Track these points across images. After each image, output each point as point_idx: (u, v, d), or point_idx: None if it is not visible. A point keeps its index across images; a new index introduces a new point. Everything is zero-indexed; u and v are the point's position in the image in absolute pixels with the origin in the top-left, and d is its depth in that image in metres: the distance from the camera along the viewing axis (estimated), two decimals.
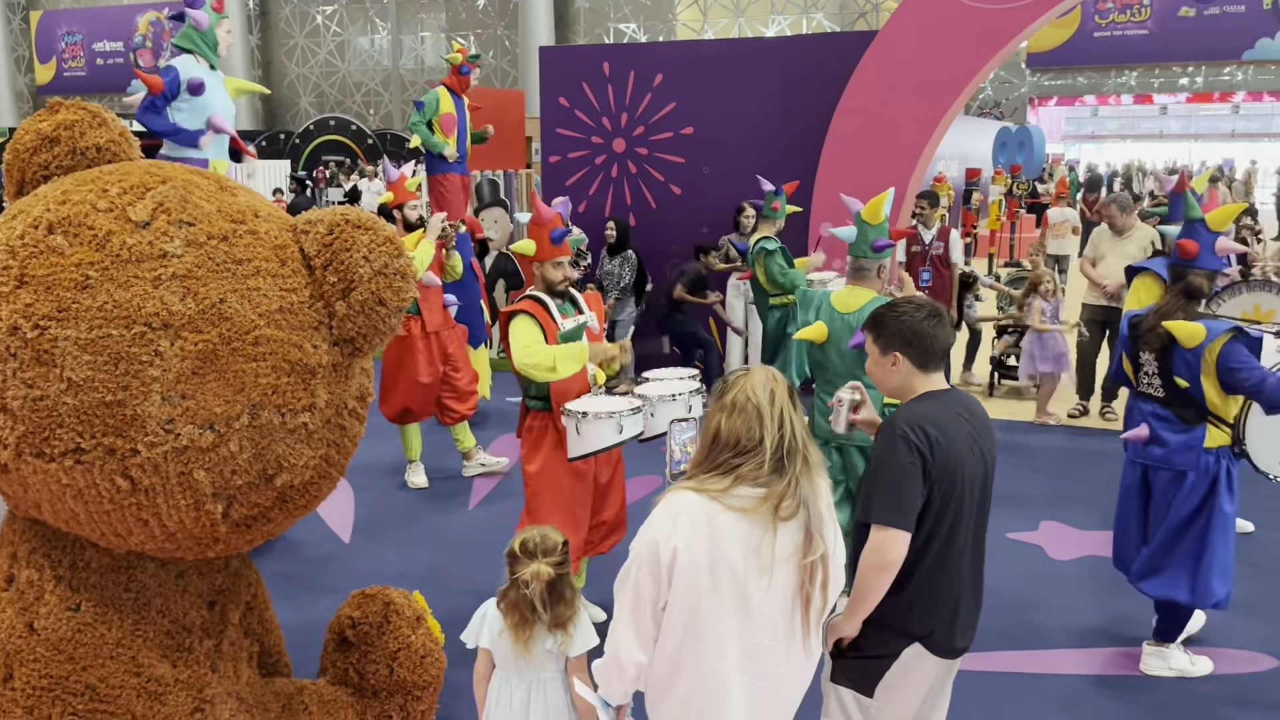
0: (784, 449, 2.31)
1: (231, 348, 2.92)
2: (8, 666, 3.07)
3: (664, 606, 2.33)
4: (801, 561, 2.33)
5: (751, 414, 2.32)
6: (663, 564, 2.29)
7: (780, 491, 2.30)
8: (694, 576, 2.27)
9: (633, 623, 2.36)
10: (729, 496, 2.30)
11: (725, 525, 2.29)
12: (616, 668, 2.42)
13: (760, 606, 2.32)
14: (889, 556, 2.52)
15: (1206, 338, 3.99)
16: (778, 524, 2.29)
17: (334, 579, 5.19)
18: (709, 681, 2.35)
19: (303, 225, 3.17)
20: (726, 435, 2.33)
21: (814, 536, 2.33)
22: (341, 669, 3.74)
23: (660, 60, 9.43)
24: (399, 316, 3.24)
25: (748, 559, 2.29)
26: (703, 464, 2.40)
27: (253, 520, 3.13)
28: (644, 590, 2.32)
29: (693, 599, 2.29)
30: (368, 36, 37.87)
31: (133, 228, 2.93)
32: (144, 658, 3.12)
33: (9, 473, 2.94)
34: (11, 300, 2.83)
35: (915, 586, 2.57)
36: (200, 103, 5.36)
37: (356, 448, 3.39)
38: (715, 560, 2.28)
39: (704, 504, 2.31)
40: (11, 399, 2.81)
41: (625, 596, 2.37)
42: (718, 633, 2.31)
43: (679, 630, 2.33)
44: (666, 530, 2.30)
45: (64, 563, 3.10)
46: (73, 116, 3.23)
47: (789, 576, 2.33)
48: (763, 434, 2.31)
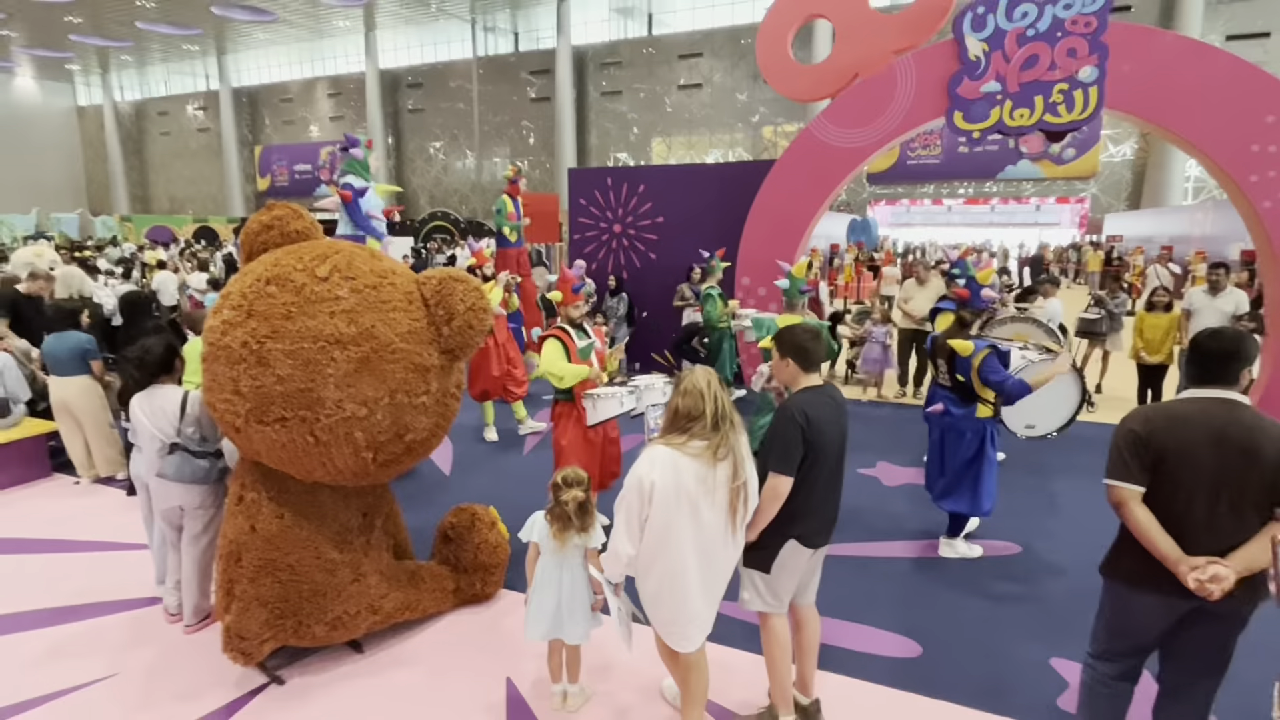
0: (718, 416, 2.37)
1: (379, 355, 2.93)
2: (238, 552, 3.06)
3: (646, 518, 2.37)
4: (732, 485, 2.37)
5: (697, 396, 2.37)
6: (645, 491, 2.33)
7: (717, 442, 2.35)
8: (665, 497, 2.32)
9: (625, 528, 2.39)
10: (686, 447, 2.35)
11: (684, 464, 2.33)
12: (615, 557, 2.45)
13: (707, 515, 2.36)
14: (779, 492, 2.52)
15: (974, 352, 4.05)
16: (716, 463, 2.35)
17: (440, 498, 5.15)
18: (675, 563, 2.39)
19: (422, 279, 3.18)
20: (682, 410, 2.38)
21: (739, 469, 2.39)
22: (444, 555, 3.75)
23: (642, 177, 9.41)
24: (483, 336, 3.24)
25: (698, 485, 2.33)
26: (668, 429, 2.43)
27: (390, 462, 3.14)
28: (633, 507, 2.36)
29: (664, 512, 2.34)
30: (461, 160, 37.71)
31: (318, 280, 2.93)
32: (322, 547, 3.12)
33: (240, 433, 2.94)
34: (244, 325, 2.83)
35: (793, 506, 2.55)
36: (365, 202, 5.49)
37: (455, 417, 3.40)
38: (679, 487, 2.32)
39: (671, 453, 2.35)
40: (243, 386, 2.81)
41: (621, 512, 2.40)
42: (680, 533, 2.36)
43: (656, 532, 2.37)
44: (647, 470, 2.34)
45: (274, 488, 3.10)
46: (282, 212, 3.23)
47: (724, 496, 2.38)
48: (704, 408, 2.35)
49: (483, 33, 35.15)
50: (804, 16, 8.15)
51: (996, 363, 4.00)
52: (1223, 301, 6.71)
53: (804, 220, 8.07)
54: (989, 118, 7.04)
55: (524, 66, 35.15)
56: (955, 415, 4.24)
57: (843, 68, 7.79)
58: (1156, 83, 6.53)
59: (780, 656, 2.72)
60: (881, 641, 3.46)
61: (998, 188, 27.98)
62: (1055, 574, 4.16)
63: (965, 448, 4.22)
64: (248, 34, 37.02)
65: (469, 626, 3.56)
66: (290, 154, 41.10)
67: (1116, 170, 26.24)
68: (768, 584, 2.67)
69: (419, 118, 38.11)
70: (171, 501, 3.43)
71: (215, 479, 3.43)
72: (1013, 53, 6.83)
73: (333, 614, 3.10)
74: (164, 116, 45.92)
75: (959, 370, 4.16)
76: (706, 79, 31.62)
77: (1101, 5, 6.49)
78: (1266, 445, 2.09)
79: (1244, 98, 6.31)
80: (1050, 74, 6.74)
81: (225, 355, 2.82)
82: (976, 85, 7.02)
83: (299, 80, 41.25)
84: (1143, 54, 6.55)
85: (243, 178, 42.69)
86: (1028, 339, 5.59)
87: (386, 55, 37.94)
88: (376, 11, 33.56)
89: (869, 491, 5.42)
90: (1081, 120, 6.77)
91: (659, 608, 2.48)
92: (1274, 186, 6.28)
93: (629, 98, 33.29)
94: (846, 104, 7.65)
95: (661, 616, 2.50)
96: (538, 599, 2.81)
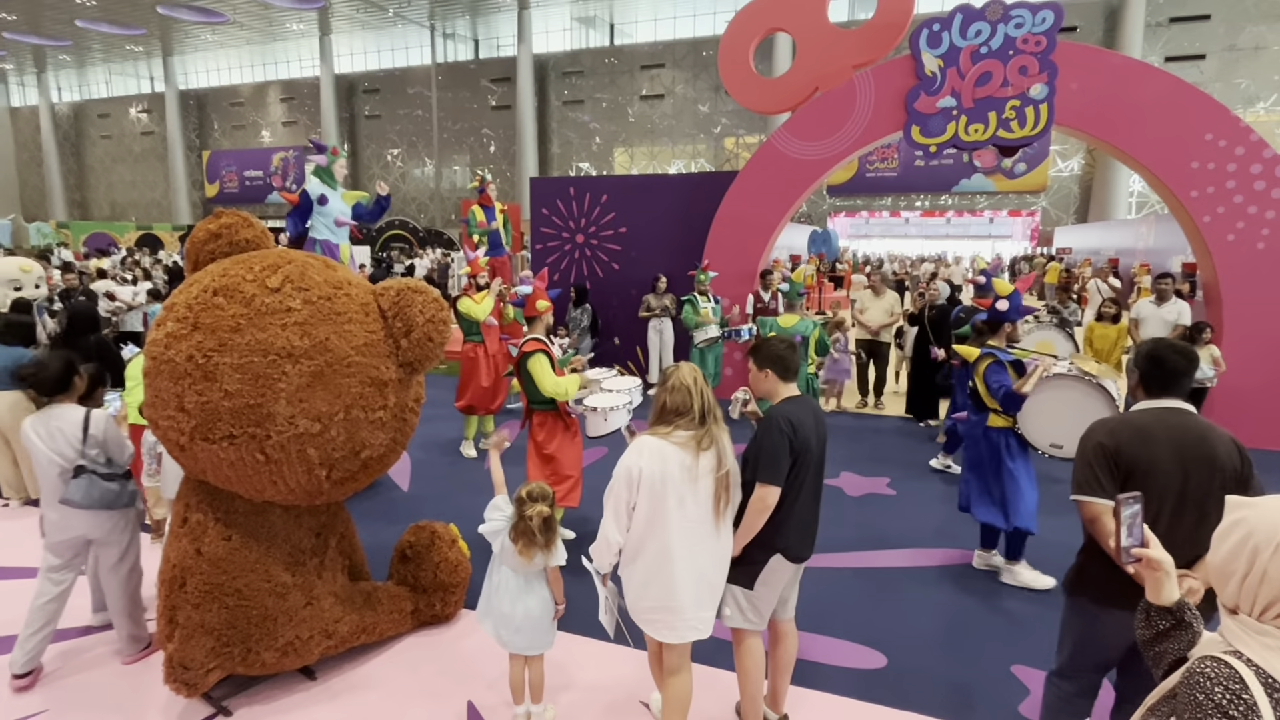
0: (704, 410, 2.47)
1: (333, 369, 2.84)
2: (182, 577, 2.92)
3: (634, 506, 2.44)
4: (717, 474, 2.46)
5: (684, 392, 2.47)
6: (633, 479, 2.41)
7: (701, 434, 2.45)
8: (652, 485, 2.40)
9: (614, 517, 2.46)
10: (672, 437, 2.44)
11: (670, 453, 2.42)
12: (605, 544, 2.50)
13: (691, 504, 2.44)
14: (767, 503, 2.52)
15: (978, 359, 4.14)
16: (700, 452, 2.43)
17: (398, 515, 5.05)
18: (661, 550, 2.45)
19: (379, 289, 3.10)
20: (670, 405, 2.47)
21: (722, 459, 2.48)
22: (402, 574, 3.65)
23: (604, 187, 9.42)
24: (442, 349, 3.17)
25: (683, 473, 2.42)
26: (655, 421, 2.51)
27: (345, 480, 3.04)
28: (621, 496, 2.43)
29: (651, 499, 2.41)
30: (420, 168, 37.28)
31: (269, 291, 2.83)
32: (273, 569, 3.01)
33: (185, 451, 2.81)
34: (189, 339, 2.72)
35: (779, 517, 2.55)
36: (327, 210, 5.41)
37: (414, 432, 3.31)
38: (665, 475, 2.40)
39: (658, 441, 2.44)
40: (188, 402, 2.70)
41: (610, 501, 2.46)
42: (666, 520, 2.43)
43: (643, 519, 2.44)
44: (635, 458, 2.42)
45: (221, 508, 2.97)
46: (230, 220, 3.12)
47: (709, 485, 2.45)
48: (692, 403, 2.45)
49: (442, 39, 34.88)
50: (765, 30, 8.29)
51: (996, 371, 4.02)
52: (1166, 311, 7.00)
53: (766, 231, 8.17)
54: (945, 132, 7.24)
55: (484, 74, 34.99)
56: (971, 421, 4.32)
57: (803, 81, 7.94)
58: (1103, 101, 6.81)
59: (754, 673, 2.71)
60: (846, 653, 3.48)
61: (953, 201, 28.82)
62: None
63: (979, 454, 4.24)
64: (196, 35, 36.04)
65: (428, 649, 3.47)
66: (241, 159, 40.14)
67: (1065, 184, 27.27)
68: (750, 600, 2.65)
69: (376, 124, 37.57)
70: (73, 532, 3.17)
71: (125, 503, 3.24)
72: (967, 69, 7.05)
73: (283, 639, 2.99)
74: (105, 119, 44.38)
75: (969, 377, 4.28)
76: (669, 90, 31.91)
77: (1050, 25, 6.75)
78: (1220, 449, 2.13)
79: (1184, 116, 6.62)
80: (1003, 90, 6.97)
81: (169, 370, 2.71)
82: (933, 100, 7.22)
83: (250, 84, 40.32)
84: (1090, 73, 6.82)
85: (189, 183, 41.48)
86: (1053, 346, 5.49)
87: (342, 60, 37.37)
88: (332, 15, 33.04)
89: (832, 502, 5.40)
90: (1033, 136, 7.01)
91: (645, 596, 2.50)
92: (1213, 201, 6.59)
93: (591, 107, 33.39)
94: (807, 117, 7.79)
95: (646, 605, 2.51)
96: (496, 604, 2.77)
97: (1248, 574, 1.15)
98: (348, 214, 5.55)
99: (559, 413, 4.29)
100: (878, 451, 6.67)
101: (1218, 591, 1.23)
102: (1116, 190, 25.29)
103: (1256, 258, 6.51)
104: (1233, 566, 1.18)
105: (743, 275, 8.14)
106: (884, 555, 4.56)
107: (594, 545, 2.54)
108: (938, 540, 4.77)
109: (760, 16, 8.21)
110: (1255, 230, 6.49)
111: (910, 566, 4.42)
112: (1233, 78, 24.09)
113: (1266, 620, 1.13)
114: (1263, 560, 1.13)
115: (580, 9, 31.90)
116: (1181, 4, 24.49)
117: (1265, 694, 1.06)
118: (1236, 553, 1.17)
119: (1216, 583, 1.22)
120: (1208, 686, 1.10)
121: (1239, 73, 24.10)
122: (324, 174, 5.48)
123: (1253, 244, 6.51)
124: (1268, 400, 6.65)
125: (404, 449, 3.26)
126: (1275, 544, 1.12)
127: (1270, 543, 1.12)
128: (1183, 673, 1.19)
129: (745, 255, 8.15)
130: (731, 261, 7.90)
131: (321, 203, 5.34)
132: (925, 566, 4.42)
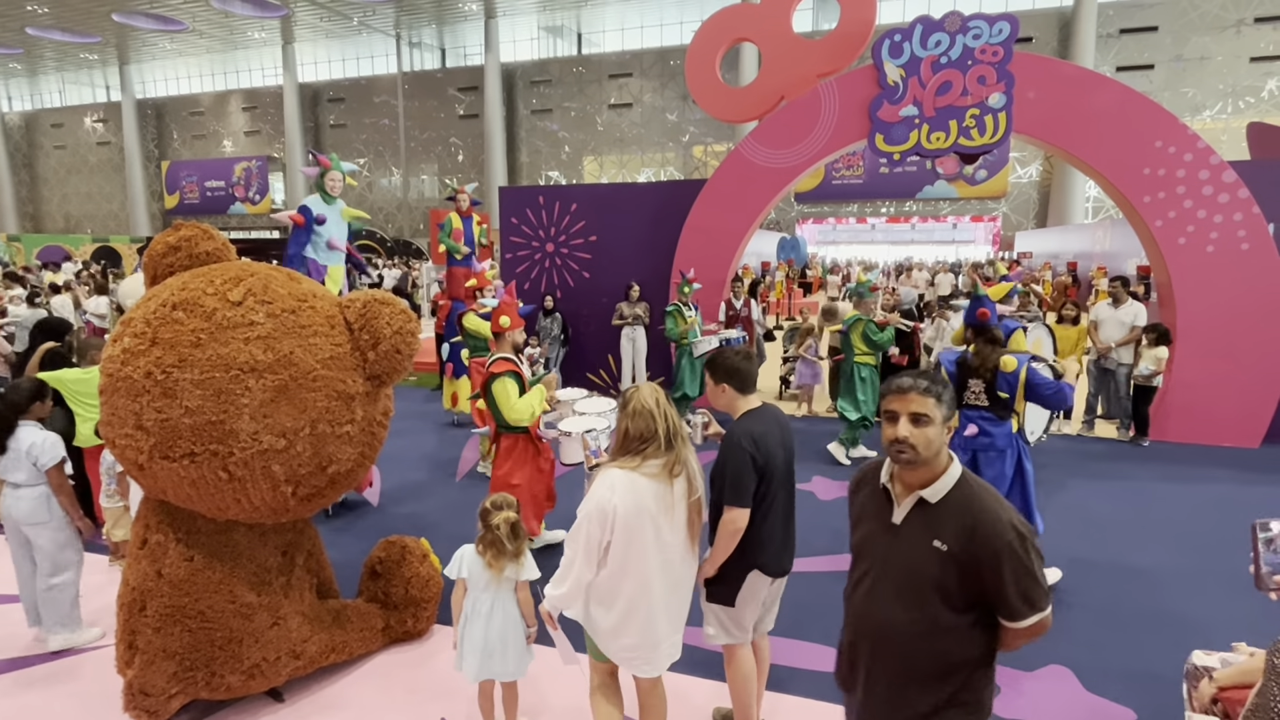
0: (670, 433, 2.35)
1: (298, 383, 2.78)
2: (142, 600, 2.84)
3: (607, 544, 2.31)
4: (690, 500, 2.38)
5: (647, 416, 2.34)
6: (607, 518, 2.28)
7: (672, 460, 2.34)
8: (628, 520, 2.28)
9: (585, 557, 2.32)
10: (642, 468, 2.32)
11: (643, 486, 2.30)
12: (577, 586, 2.35)
13: (668, 533, 2.35)
14: (738, 525, 2.47)
15: (1018, 366, 4.04)
16: (673, 480, 2.33)
17: (366, 531, 4.95)
18: (640, 587, 2.34)
19: (346, 301, 3.05)
20: (634, 432, 2.35)
21: (694, 483, 2.40)
22: (372, 591, 3.58)
23: (574, 196, 9.41)
24: (410, 361, 3.13)
25: (659, 504, 2.31)
26: (620, 451, 2.39)
27: (312, 496, 2.97)
28: (593, 536, 2.30)
29: (628, 537, 2.29)
30: (387, 178, 36.91)
31: (230, 305, 2.77)
32: (238, 590, 2.93)
33: (144, 470, 2.73)
34: (148, 354, 2.64)
35: (752, 535, 2.52)
36: (323, 230, 5.20)
37: (383, 446, 3.26)
38: (640, 508, 2.29)
39: (629, 475, 2.31)
40: (147, 420, 2.62)
41: (579, 541, 2.32)
42: (644, 555, 2.31)
43: (619, 557, 2.32)
44: (608, 495, 2.28)
45: (182, 528, 2.89)
46: (191, 232, 3.05)
47: (683, 511, 2.37)
48: (656, 427, 2.33)
49: (408, 48, 34.64)
50: (730, 40, 8.38)
51: (1040, 373, 4.00)
52: (1123, 313, 7.21)
53: (736, 238, 8.24)
54: (908, 140, 7.38)
55: (451, 83, 34.80)
56: (992, 434, 4.15)
57: (769, 90, 8.03)
58: (1058, 109, 7.01)
59: (744, 687, 2.69)
60: (820, 657, 3.49)
61: (917, 207, 29.39)
62: None
63: (1007, 465, 4.12)
64: (153, 43, 35.29)
65: (400, 666, 3.40)
66: (201, 170, 39.32)
67: (1024, 191, 27.99)
68: (732, 617, 2.62)
69: (341, 133, 37.11)
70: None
71: None
72: (928, 79, 7.20)
73: (249, 661, 2.91)
74: (58, 129, 43.17)
75: (1001, 387, 4.10)
76: (637, 98, 32.07)
77: (1007, 36, 6.93)
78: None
79: (1136, 124, 6.84)
80: (963, 99, 7.13)
81: (126, 387, 2.63)
82: (896, 109, 7.36)
83: (211, 93, 39.58)
84: (1045, 82, 7.02)
85: (148, 194, 40.52)
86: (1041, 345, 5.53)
87: (306, 68, 36.88)
88: (295, 24, 32.62)
89: (805, 507, 5.36)
90: (993, 143, 7.18)
91: (623, 635, 2.38)
92: (1164, 206, 6.81)
93: (560, 116, 33.40)
94: (774, 125, 7.88)
95: (626, 644, 2.39)
96: (469, 634, 2.70)
97: None
98: (343, 236, 5.33)
99: (530, 437, 4.15)
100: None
101: None
102: (1073, 196, 26.03)
103: (1206, 260, 6.74)
104: None
105: (713, 282, 8.19)
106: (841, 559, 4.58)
107: (554, 589, 2.37)
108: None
109: (726, 26, 8.30)
110: (1204, 234, 6.72)
111: None
112: (1180, 87, 25.00)
113: None
114: None
115: (547, 18, 31.95)
116: (1130, 16, 25.38)
117: None
118: None
119: None
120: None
121: (1186, 82, 25.02)
122: (321, 190, 5.28)
123: (1202, 247, 6.73)
124: (1218, 398, 6.87)
125: (372, 464, 3.21)
126: None
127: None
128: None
129: (715, 262, 8.20)
130: (701, 269, 7.94)
131: (320, 223, 5.15)
132: None
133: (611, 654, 2.44)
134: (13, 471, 3.38)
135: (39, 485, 3.39)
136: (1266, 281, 6.63)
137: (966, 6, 17.60)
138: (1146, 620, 3.81)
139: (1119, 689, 3.21)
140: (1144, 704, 3.08)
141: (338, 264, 5.31)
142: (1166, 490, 5.79)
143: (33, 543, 3.46)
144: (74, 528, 3.52)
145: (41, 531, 3.42)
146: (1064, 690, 3.23)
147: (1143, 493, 5.70)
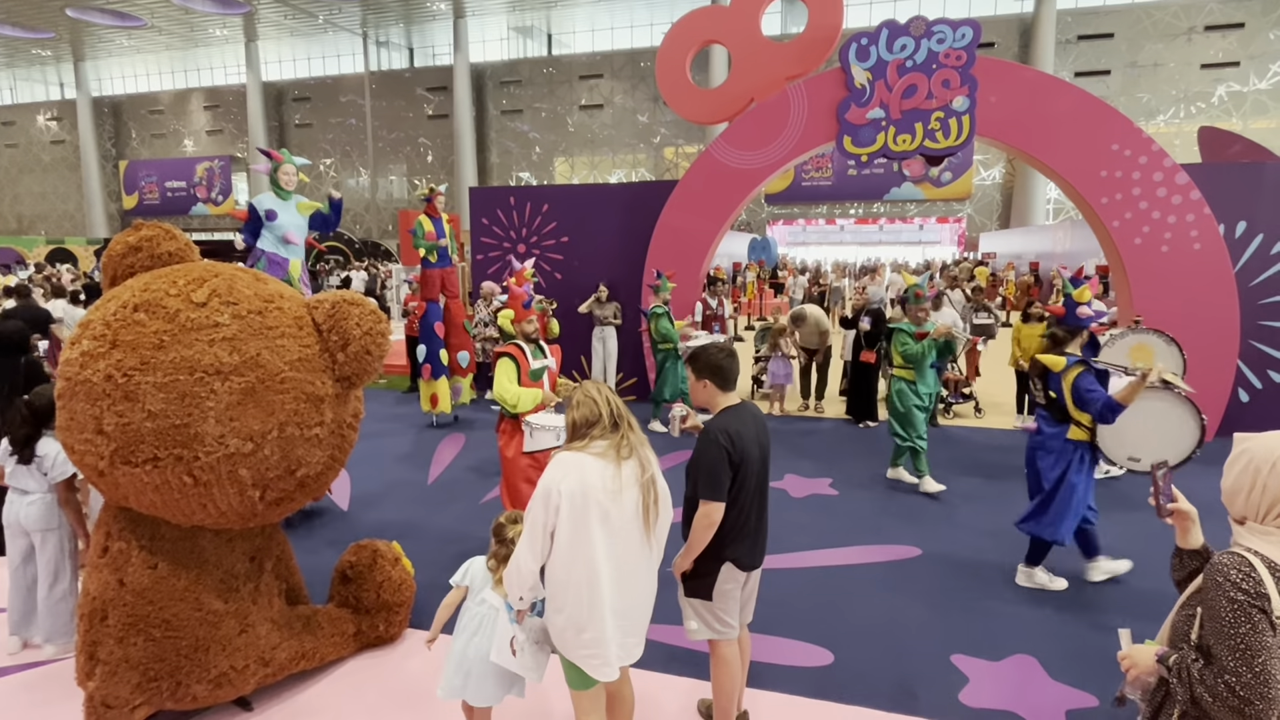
0: (615, 416, 2.35)
1: (265, 385, 2.73)
2: (104, 610, 2.76)
3: (553, 530, 2.25)
4: (641, 481, 2.32)
5: (590, 403, 2.36)
6: (551, 500, 2.23)
7: (618, 441, 2.32)
8: (574, 502, 2.22)
9: (529, 542, 2.26)
10: (589, 448, 2.31)
11: (589, 464, 2.27)
12: (517, 574, 2.30)
13: (617, 517, 2.27)
14: (712, 519, 2.50)
15: (1065, 367, 3.95)
16: (621, 461, 2.30)
17: (337, 535, 4.88)
18: (589, 571, 2.26)
19: (314, 302, 3.00)
20: (580, 419, 2.36)
21: (645, 464, 2.36)
22: (343, 596, 3.53)
23: (545, 196, 9.38)
24: (381, 362, 3.09)
25: (606, 485, 2.26)
26: (570, 440, 2.38)
27: (280, 500, 2.92)
28: (537, 519, 2.24)
29: (573, 517, 2.23)
30: (355, 178, 36.35)
31: (194, 306, 2.71)
32: (204, 598, 2.87)
33: (105, 476, 2.66)
34: (108, 357, 2.58)
35: (725, 529, 2.54)
36: (275, 225, 5.09)
37: (353, 449, 3.21)
38: (586, 489, 2.23)
39: (576, 455, 2.29)
40: (107, 425, 2.56)
41: (526, 525, 2.29)
42: (590, 537, 2.24)
43: (565, 543, 2.24)
44: (556, 477, 2.24)
45: (145, 535, 2.82)
46: (151, 232, 2.98)
47: (635, 495, 2.31)
48: (599, 410, 2.34)
49: (375, 47, 34.18)
50: (700, 42, 8.43)
51: (1091, 379, 3.85)
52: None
53: (707, 239, 8.29)
54: (875, 142, 7.50)
55: (420, 83, 34.43)
56: (1045, 434, 4.11)
57: (739, 92, 8.10)
58: (1019, 113, 7.18)
59: (729, 684, 2.71)
60: (794, 652, 3.53)
61: (885, 208, 29.83)
62: (950, 574, 4.39)
63: (1050, 468, 4.07)
64: (110, 40, 34.31)
65: (372, 672, 3.36)
66: (161, 169, 38.34)
67: (988, 192, 28.58)
68: (712, 611, 2.64)
69: (307, 133, 36.48)
70: None
71: None
72: (894, 82, 7.33)
73: (216, 670, 2.84)
74: (9, 127, 41.74)
75: (1052, 386, 4.04)
76: (607, 100, 32.05)
77: (970, 41, 7.08)
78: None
79: (1093, 128, 7.03)
80: (928, 103, 7.27)
81: (85, 391, 2.56)
82: (863, 112, 7.47)
83: (171, 91, 38.61)
84: (1007, 87, 7.19)
85: (105, 195, 39.39)
86: (1150, 352, 5.21)
87: (270, 67, 36.18)
88: (258, 21, 31.97)
89: (776, 504, 5.46)
90: (957, 146, 7.33)
91: (579, 632, 2.29)
92: (1121, 208, 7.01)
93: (530, 116, 33.23)
94: (744, 127, 7.95)
95: (583, 640, 2.30)
96: (453, 647, 2.60)
97: (1251, 489, 1.52)
98: (301, 229, 5.22)
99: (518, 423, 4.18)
100: (819, 453, 6.82)
101: (1229, 509, 1.59)
102: (1035, 197, 26.65)
103: (1161, 260, 6.95)
104: (1239, 485, 1.55)
105: (684, 283, 8.23)
106: (828, 554, 4.66)
107: (506, 574, 2.35)
108: (878, 538, 4.91)
109: (696, 29, 8.36)
110: (1159, 234, 6.94)
111: (853, 564, 4.52)
112: (1135, 92, 25.77)
113: (1268, 523, 1.50)
114: (1262, 477, 1.51)
115: (517, 18, 31.77)
116: (1088, 23, 26.09)
117: (1269, 573, 1.43)
118: (1241, 475, 1.55)
119: (1228, 502, 1.59)
120: (1225, 570, 1.46)
121: (1140, 87, 25.80)
122: (274, 185, 5.19)
123: (1157, 247, 6.95)
124: None
125: (342, 466, 3.16)
126: (1271, 463, 1.49)
127: (1267, 462, 1.50)
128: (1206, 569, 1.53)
129: (687, 263, 8.25)
130: (673, 269, 7.97)
131: (270, 218, 5.05)
132: (867, 564, 4.54)
133: (575, 658, 2.33)
134: (24, 479, 3.43)
135: (51, 492, 3.46)
136: (1217, 279, 6.86)
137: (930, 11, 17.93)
138: (1104, 608, 3.94)
139: (1080, 675, 3.31)
140: (1105, 690, 3.18)
141: (297, 258, 5.24)
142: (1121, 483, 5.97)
143: (38, 550, 3.48)
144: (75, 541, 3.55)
145: (50, 538, 3.47)
146: (1029, 678, 3.31)
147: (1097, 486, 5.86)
